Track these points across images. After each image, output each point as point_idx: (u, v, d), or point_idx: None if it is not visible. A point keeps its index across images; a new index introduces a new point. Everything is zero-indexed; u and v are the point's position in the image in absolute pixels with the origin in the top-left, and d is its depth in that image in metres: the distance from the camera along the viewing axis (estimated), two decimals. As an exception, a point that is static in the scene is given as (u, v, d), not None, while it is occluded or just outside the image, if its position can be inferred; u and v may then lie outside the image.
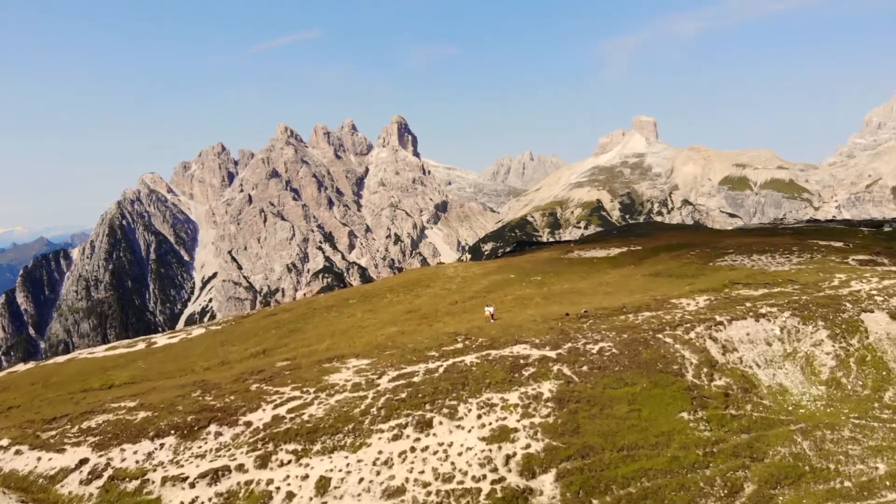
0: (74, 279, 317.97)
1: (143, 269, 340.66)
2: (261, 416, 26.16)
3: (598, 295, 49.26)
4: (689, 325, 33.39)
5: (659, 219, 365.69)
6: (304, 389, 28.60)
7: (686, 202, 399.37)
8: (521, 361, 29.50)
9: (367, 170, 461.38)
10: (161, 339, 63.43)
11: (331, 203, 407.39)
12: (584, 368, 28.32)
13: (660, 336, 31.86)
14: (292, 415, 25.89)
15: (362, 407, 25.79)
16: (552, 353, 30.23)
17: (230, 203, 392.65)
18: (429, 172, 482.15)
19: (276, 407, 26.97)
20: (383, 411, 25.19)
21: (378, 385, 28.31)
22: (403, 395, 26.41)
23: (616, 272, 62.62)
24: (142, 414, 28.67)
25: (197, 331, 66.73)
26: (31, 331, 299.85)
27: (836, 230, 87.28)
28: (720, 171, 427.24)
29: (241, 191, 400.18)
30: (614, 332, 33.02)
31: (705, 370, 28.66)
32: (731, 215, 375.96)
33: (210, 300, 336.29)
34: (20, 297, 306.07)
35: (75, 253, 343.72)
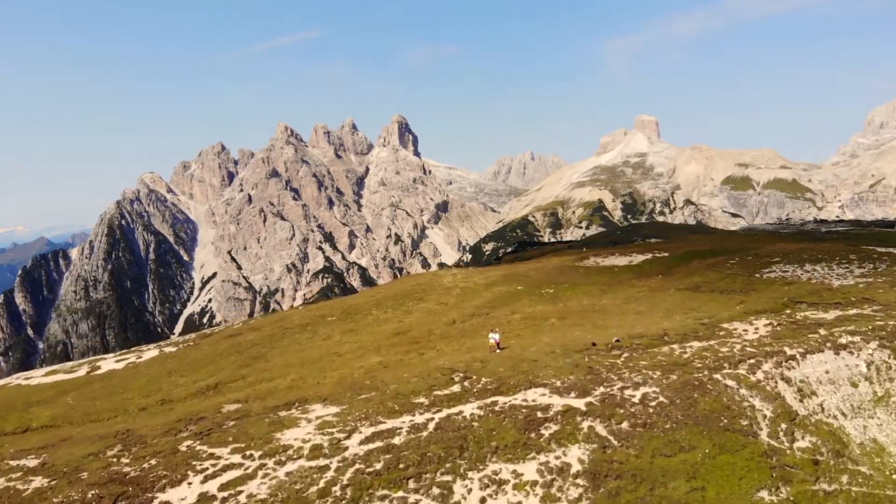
0: (73, 279, 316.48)
1: (142, 270, 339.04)
2: (183, 496, 19.60)
3: (627, 315, 41.80)
4: (753, 360, 26.65)
5: (661, 219, 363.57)
6: (248, 453, 22.24)
7: (688, 202, 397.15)
8: (540, 415, 22.70)
9: (367, 169, 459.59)
10: (107, 364, 57.16)
11: (331, 203, 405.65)
12: (625, 426, 21.76)
13: (718, 377, 25.10)
14: (225, 493, 19.33)
15: (321, 484, 19.14)
16: (580, 403, 23.44)
17: (230, 203, 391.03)
18: (429, 172, 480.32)
19: (206, 480, 20.51)
20: (349, 491, 18.54)
21: (346, 448, 21.68)
22: (378, 466, 19.97)
23: (644, 285, 53.99)
24: (37, 482, 21.85)
25: (149, 353, 60.25)
26: (30, 331, 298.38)
27: (890, 235, 79.55)
28: (722, 171, 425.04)
29: (241, 190, 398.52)
30: (659, 372, 26.24)
31: (783, 426, 22.14)
32: (734, 215, 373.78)
33: (209, 300, 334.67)
34: (19, 298, 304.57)
35: (74, 253, 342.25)
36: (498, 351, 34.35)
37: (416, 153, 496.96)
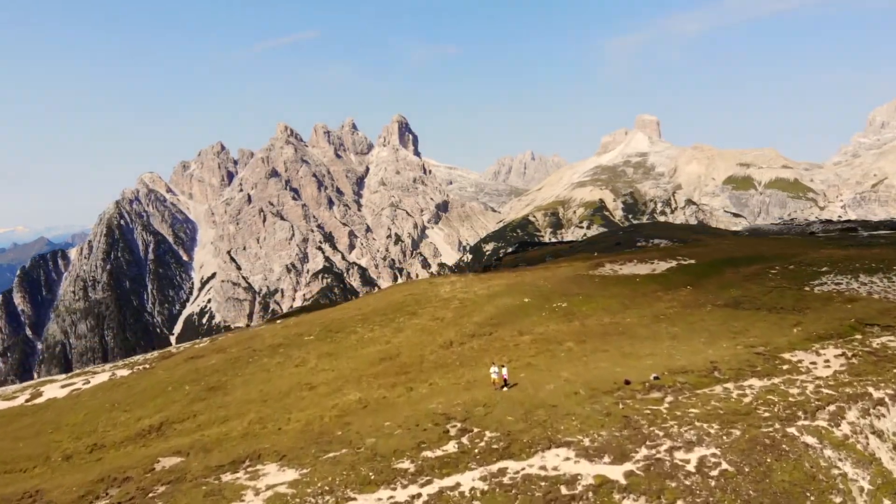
0: (72, 279, 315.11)
1: (141, 270, 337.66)
2: None
3: (661, 340, 34.72)
4: (833, 406, 20.86)
5: (662, 219, 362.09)
6: None
7: (690, 202, 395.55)
8: (564, 491, 16.88)
9: (367, 169, 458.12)
10: (51, 389, 52.13)
11: (331, 203, 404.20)
12: (682, 510, 15.68)
13: (793, 432, 19.17)
14: None
15: None
16: (617, 472, 17.67)
17: (229, 203, 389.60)
18: (429, 172, 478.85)
19: None
20: None
21: None
22: None
23: (672, 299, 46.02)
24: None
25: (99, 377, 54.79)
26: (29, 332, 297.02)
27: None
28: (724, 171, 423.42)
29: (241, 190, 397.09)
30: (717, 425, 20.10)
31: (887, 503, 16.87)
32: (736, 215, 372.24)
33: (209, 301, 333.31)
34: (17, 298, 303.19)
35: (73, 253, 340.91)
36: (505, 389, 28.23)
37: (417, 153, 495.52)
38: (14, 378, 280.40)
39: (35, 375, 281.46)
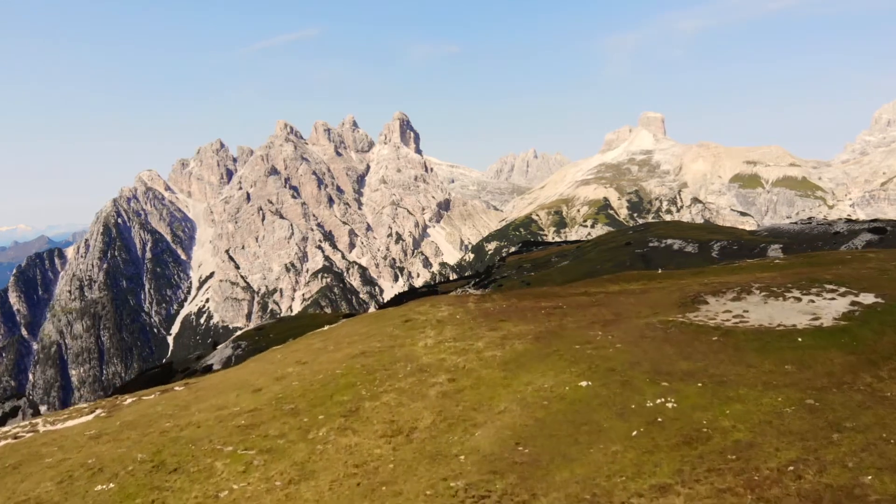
0: (68, 279, 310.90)
1: (138, 269, 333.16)
2: None
3: None
4: None
5: (668, 217, 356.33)
6: None
7: (696, 200, 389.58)
8: None
9: (368, 167, 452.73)
10: None
11: (331, 201, 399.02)
12: None
13: None
14: None
15: None
16: None
17: (228, 201, 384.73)
18: (431, 170, 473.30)
19: None
20: None
21: None
22: None
23: None
24: None
25: None
26: (24, 332, 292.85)
27: None
28: (730, 169, 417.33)
29: (240, 188, 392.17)
30: None
31: None
32: (743, 214, 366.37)
33: (207, 300, 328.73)
34: (13, 297, 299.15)
35: (70, 252, 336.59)
36: None
37: (418, 151, 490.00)
38: (9, 378, 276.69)
39: (30, 376, 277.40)
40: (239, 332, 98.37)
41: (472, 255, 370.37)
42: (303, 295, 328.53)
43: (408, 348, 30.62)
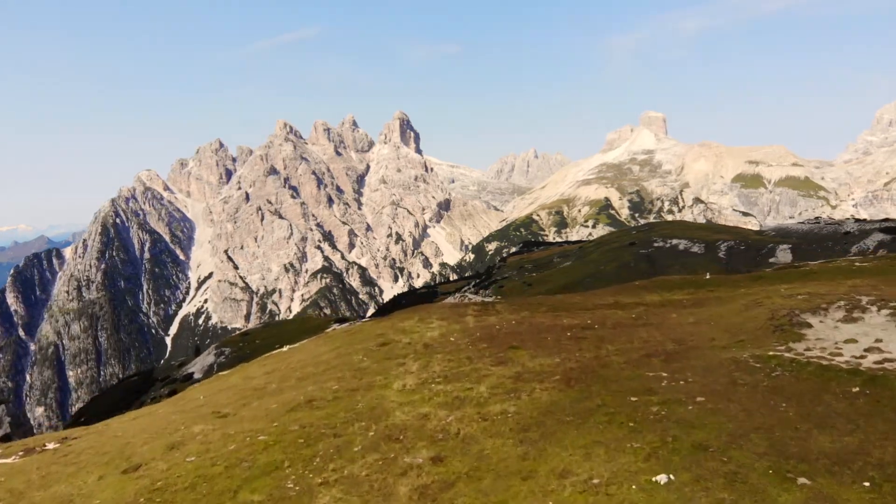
0: (66, 279, 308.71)
1: (136, 269, 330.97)
2: None
3: None
4: None
5: (670, 217, 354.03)
6: None
7: (697, 200, 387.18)
8: None
9: (367, 167, 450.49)
10: None
11: (330, 201, 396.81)
12: None
13: None
14: None
15: None
16: None
17: (227, 201, 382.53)
18: (431, 170, 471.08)
19: None
20: None
21: None
22: None
23: None
24: None
25: None
26: (21, 333, 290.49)
27: None
28: (732, 169, 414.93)
29: (239, 188, 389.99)
30: None
31: None
32: (745, 214, 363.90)
33: (205, 301, 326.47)
34: (10, 298, 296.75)
35: (68, 252, 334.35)
36: None
37: (418, 150, 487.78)
38: (6, 380, 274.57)
39: (27, 377, 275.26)
40: (224, 339, 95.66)
41: (472, 256, 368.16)
42: (302, 295, 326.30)
43: (376, 392, 20.01)
